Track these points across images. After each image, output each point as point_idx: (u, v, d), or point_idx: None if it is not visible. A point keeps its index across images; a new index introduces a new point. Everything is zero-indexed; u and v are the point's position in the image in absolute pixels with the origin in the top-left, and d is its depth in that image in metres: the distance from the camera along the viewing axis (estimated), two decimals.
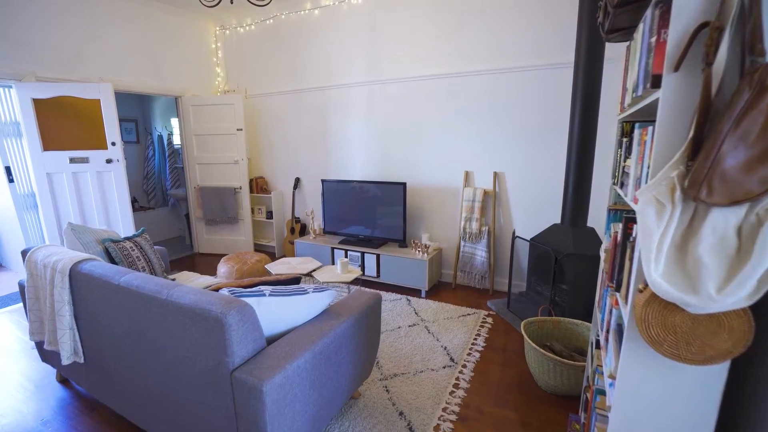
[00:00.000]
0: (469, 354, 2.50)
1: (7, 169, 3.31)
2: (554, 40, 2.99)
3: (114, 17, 3.74)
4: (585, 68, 2.55)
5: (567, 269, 2.62)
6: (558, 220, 2.98)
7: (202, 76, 4.68)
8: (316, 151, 4.39)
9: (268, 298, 1.50)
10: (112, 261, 2.13)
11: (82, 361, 1.85)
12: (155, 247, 2.81)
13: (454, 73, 3.41)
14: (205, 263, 4.50)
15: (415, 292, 3.50)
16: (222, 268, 3.67)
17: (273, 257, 4.68)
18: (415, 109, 3.68)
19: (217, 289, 1.58)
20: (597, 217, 2.99)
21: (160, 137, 5.78)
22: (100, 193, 3.46)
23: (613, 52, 2.72)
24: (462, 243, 3.57)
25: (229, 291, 1.45)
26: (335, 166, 4.28)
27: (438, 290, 3.59)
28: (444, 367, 2.34)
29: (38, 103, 3.22)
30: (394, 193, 3.60)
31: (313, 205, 4.53)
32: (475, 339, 2.69)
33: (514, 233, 3.06)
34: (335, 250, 3.84)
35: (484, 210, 3.46)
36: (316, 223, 4.31)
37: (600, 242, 2.64)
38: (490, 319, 2.99)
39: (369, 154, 4.03)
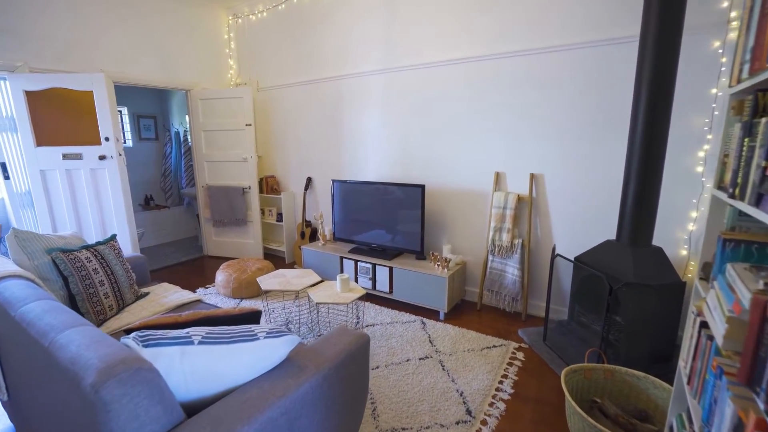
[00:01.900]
0: (491, 405, 1.97)
1: (2, 166, 3.14)
2: (612, 8, 2.38)
3: (116, 4, 3.51)
4: (656, 41, 1.94)
5: (625, 301, 2.02)
6: (612, 236, 2.37)
7: (213, 68, 4.41)
8: (329, 149, 3.97)
9: (197, 348, 1.07)
10: (62, 275, 1.81)
11: (5, 398, 1.52)
12: (134, 254, 2.50)
13: (483, 55, 2.87)
14: (213, 267, 4.22)
15: (432, 314, 2.99)
16: (219, 276, 3.34)
17: (282, 263, 4.33)
18: (437, 99, 3.17)
19: (134, 329, 1.18)
20: (665, 233, 2.35)
21: (177, 134, 5.61)
22: (94, 191, 3.23)
23: (699, 17, 2.09)
24: (490, 257, 3.02)
25: (139, 337, 1.03)
26: (350, 164, 3.85)
27: (460, 311, 3.05)
28: (457, 423, 1.83)
29: (31, 96, 3.02)
30: (411, 196, 3.11)
31: (325, 207, 4.12)
32: (501, 382, 2.15)
33: (554, 250, 2.48)
34: (344, 260, 3.41)
35: (517, 219, 2.89)
36: (327, 228, 3.89)
37: (669, 267, 2.02)
38: (521, 355, 2.43)
39: (386, 151, 3.56)
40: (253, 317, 1.35)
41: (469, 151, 3.09)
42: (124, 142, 5.44)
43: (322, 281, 2.63)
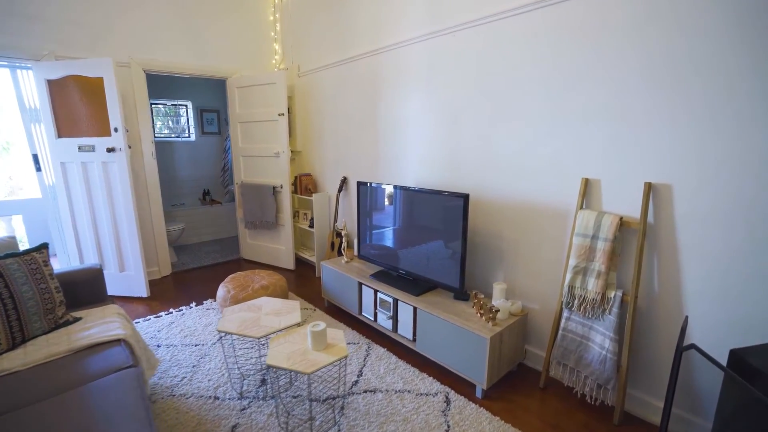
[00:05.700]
0: None
1: (34, 157, 3.11)
2: None
3: None
4: None
5: None
6: None
7: (257, 54, 4.00)
8: (365, 144, 3.22)
9: None
10: None
11: None
12: (88, 265, 2.09)
13: None
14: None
15: (465, 386, 2.03)
16: (220, 291, 2.86)
17: (312, 275, 3.73)
18: (498, 69, 2.17)
19: None
20: None
21: None
22: (105, 185, 3.01)
23: None
24: (565, 313, 1.93)
25: None
26: (386, 163, 3.04)
27: (511, 386, 2.03)
28: None
29: (52, 85, 2.89)
30: (451, 210, 2.19)
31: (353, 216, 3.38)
32: None
33: (685, 325, 1.33)
34: (363, 287, 2.62)
35: (615, 256, 1.76)
36: (355, 240, 3.15)
37: None
38: None
39: (428, 147, 2.67)
40: None
41: (544, 145, 2.03)
42: (188, 136, 5.47)
43: (300, 324, 1.90)
